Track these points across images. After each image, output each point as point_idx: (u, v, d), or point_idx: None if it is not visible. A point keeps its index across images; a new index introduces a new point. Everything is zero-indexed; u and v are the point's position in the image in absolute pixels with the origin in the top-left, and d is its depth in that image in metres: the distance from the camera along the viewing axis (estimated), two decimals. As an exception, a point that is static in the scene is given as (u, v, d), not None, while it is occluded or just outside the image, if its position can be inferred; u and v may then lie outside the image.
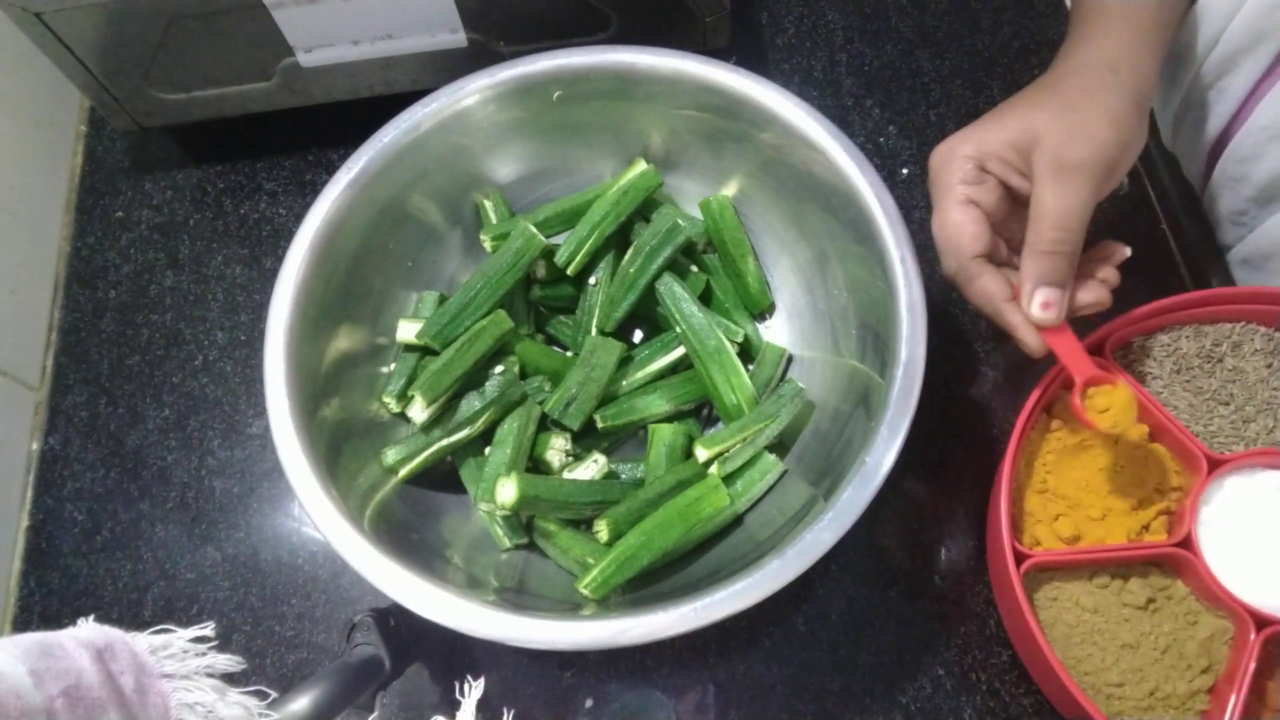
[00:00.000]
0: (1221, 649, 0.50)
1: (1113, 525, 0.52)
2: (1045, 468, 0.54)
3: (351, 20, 0.61)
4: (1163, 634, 0.50)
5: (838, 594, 0.57)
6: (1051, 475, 0.54)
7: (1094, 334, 0.55)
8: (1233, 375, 0.55)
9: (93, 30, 0.60)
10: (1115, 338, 0.56)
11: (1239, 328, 0.56)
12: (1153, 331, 0.56)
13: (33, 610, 0.61)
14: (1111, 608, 0.51)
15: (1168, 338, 0.56)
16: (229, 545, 0.62)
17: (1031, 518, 0.54)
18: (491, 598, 0.46)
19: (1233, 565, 0.50)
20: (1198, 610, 0.51)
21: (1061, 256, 0.45)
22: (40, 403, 0.67)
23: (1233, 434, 0.54)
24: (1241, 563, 0.50)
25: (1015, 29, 0.74)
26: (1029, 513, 0.54)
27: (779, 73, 0.74)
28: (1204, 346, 0.55)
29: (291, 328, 0.51)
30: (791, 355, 0.60)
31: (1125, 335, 0.56)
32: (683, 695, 0.55)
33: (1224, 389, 0.55)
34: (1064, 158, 0.45)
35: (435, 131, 0.57)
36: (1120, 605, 0.51)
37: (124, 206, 0.73)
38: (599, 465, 0.56)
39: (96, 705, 0.32)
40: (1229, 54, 0.56)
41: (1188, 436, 0.52)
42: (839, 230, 0.55)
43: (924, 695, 0.55)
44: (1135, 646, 0.50)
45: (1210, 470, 0.51)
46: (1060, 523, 0.53)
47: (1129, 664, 0.50)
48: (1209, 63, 0.58)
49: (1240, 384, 0.54)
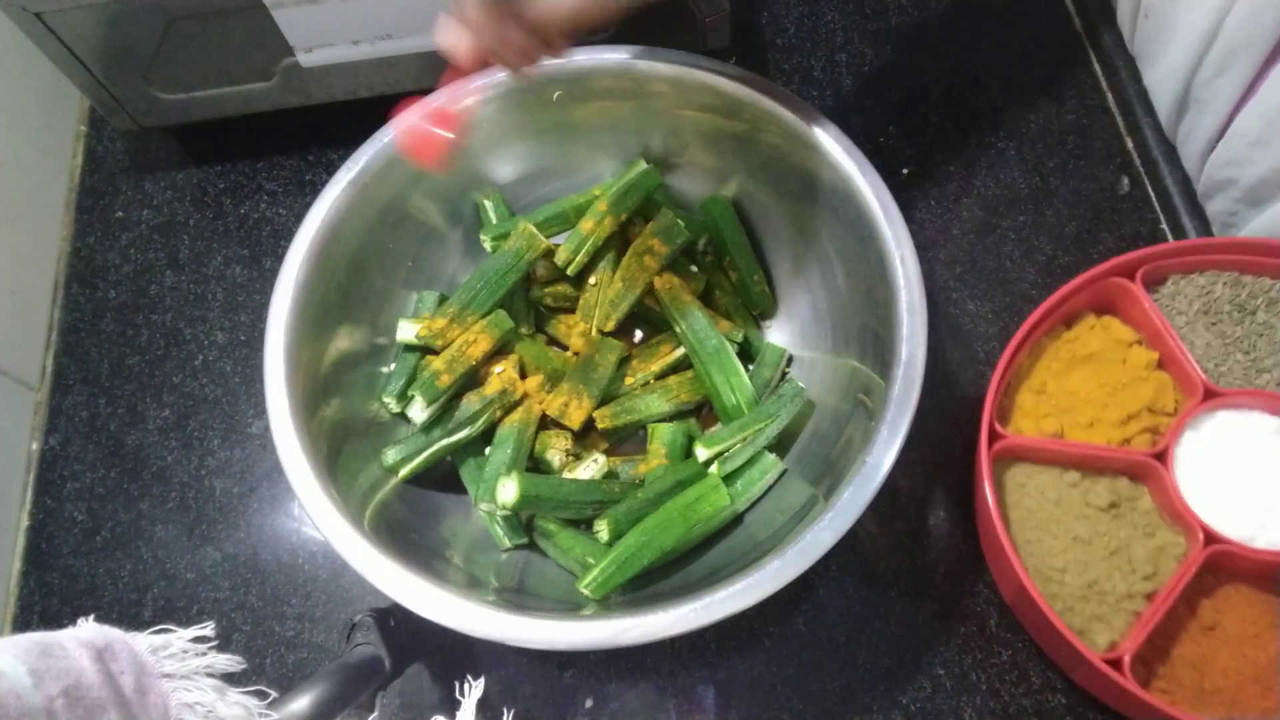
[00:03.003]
0: (1170, 564, 0.51)
1: (1096, 434, 0.54)
2: (1048, 370, 0.56)
3: (351, 20, 0.61)
4: (1117, 537, 0.52)
5: (838, 594, 0.57)
6: (1053, 379, 0.56)
7: (1128, 255, 0.56)
8: (1261, 329, 0.55)
9: (93, 30, 0.60)
10: (1150, 267, 0.56)
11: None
12: (1190, 271, 0.57)
13: (33, 610, 0.61)
14: (1074, 504, 0.53)
15: (1204, 280, 0.56)
16: (229, 545, 0.62)
17: (1021, 410, 0.56)
18: (491, 598, 0.46)
19: (1200, 486, 0.51)
20: (1157, 525, 0.52)
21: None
22: (40, 403, 0.67)
23: (1242, 379, 0.54)
24: (1209, 486, 0.51)
25: (1015, 29, 0.74)
26: (1019, 406, 0.56)
27: (779, 73, 0.74)
28: (1239, 295, 0.56)
29: (291, 328, 0.51)
30: (791, 355, 0.60)
31: (1161, 268, 0.57)
32: (683, 695, 0.55)
33: (1247, 339, 0.55)
34: None
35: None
36: (1084, 504, 0.53)
37: (124, 206, 0.73)
38: (599, 465, 0.56)
39: (96, 705, 0.32)
40: (1226, 52, 0.56)
41: (1192, 365, 0.53)
42: (839, 230, 0.55)
43: (924, 695, 0.55)
44: (1088, 542, 0.52)
45: (1205, 399, 0.52)
46: (1047, 420, 0.54)
47: (1076, 555, 0.51)
48: (1208, 59, 0.58)
49: (1267, 339, 0.55)
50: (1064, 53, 0.73)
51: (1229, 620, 0.50)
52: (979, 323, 0.64)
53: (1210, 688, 0.48)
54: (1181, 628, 0.50)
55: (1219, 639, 0.49)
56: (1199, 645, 0.49)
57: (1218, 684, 0.48)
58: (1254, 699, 0.47)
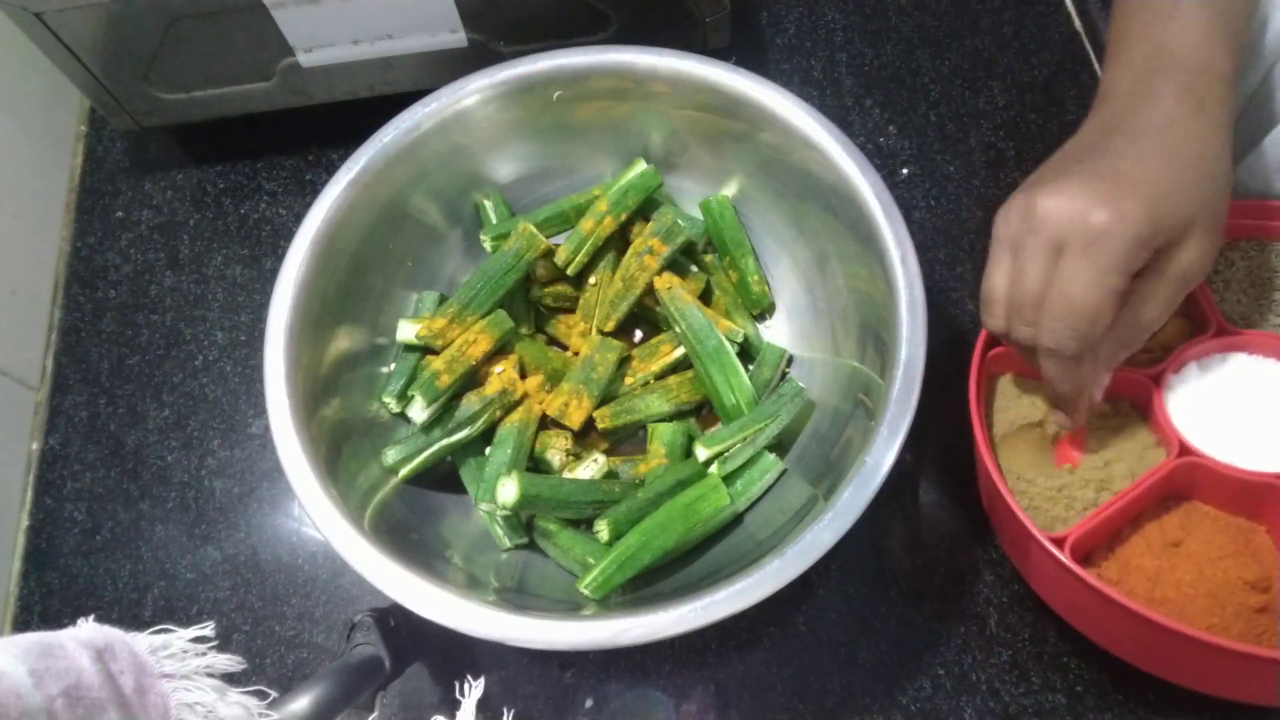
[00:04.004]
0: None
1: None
2: None
3: (351, 20, 0.61)
4: (1096, 454, 0.52)
5: (838, 594, 0.57)
6: None
7: None
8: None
9: (93, 30, 0.60)
10: None
11: None
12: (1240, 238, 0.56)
13: (33, 610, 0.61)
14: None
15: (1253, 246, 0.55)
16: (229, 545, 0.62)
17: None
18: (491, 598, 0.46)
19: (1188, 407, 0.51)
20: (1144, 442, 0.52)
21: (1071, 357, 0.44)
22: (40, 403, 0.67)
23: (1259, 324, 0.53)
24: (1198, 409, 0.51)
25: (1015, 29, 0.74)
26: None
27: (779, 73, 0.74)
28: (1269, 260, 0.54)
29: (291, 328, 0.51)
30: (791, 355, 0.60)
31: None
32: (683, 695, 0.55)
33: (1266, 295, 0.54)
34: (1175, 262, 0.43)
35: (435, 131, 0.57)
36: None
37: (124, 206, 0.73)
38: (599, 465, 0.56)
39: (96, 705, 0.32)
40: None
41: (1210, 305, 0.52)
42: (839, 230, 0.55)
43: (924, 695, 0.55)
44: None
45: (1216, 335, 0.52)
46: None
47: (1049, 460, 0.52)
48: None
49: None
50: (1064, 53, 0.73)
51: (1194, 540, 0.49)
52: (979, 322, 0.64)
53: (1160, 597, 0.48)
54: (1146, 542, 0.50)
55: (1181, 555, 0.49)
56: (1159, 559, 0.49)
57: (1168, 594, 0.48)
58: (1201, 614, 0.47)
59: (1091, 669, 0.54)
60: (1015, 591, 0.56)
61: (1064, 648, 0.55)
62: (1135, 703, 0.53)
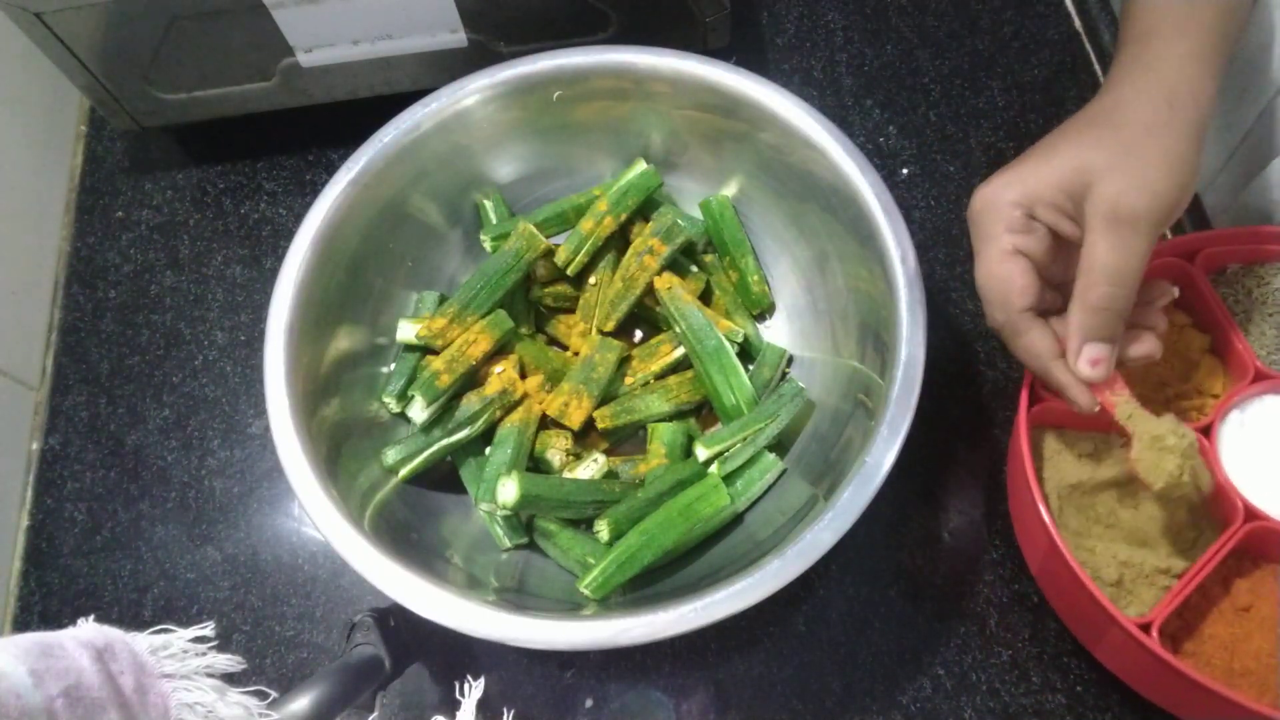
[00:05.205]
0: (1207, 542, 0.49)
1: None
2: None
3: (351, 20, 0.61)
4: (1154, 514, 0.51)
5: (838, 594, 0.57)
6: None
7: (1186, 238, 0.54)
8: None
9: (93, 30, 0.60)
10: (1210, 253, 0.54)
11: None
12: (1253, 262, 0.55)
13: (33, 610, 0.61)
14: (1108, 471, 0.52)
15: (1267, 271, 0.54)
16: (229, 545, 0.62)
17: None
18: (491, 598, 0.46)
19: (1243, 463, 0.50)
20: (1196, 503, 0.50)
21: (1112, 313, 0.43)
22: (40, 403, 0.67)
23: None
24: (1252, 464, 0.50)
25: (1015, 29, 0.74)
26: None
27: (779, 73, 0.74)
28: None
29: (291, 328, 0.51)
30: (791, 355, 0.60)
31: (1222, 256, 0.54)
32: (683, 695, 0.55)
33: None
34: (1121, 209, 0.41)
35: (435, 131, 0.57)
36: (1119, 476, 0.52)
37: (124, 206, 0.73)
38: (599, 465, 0.56)
39: (96, 705, 0.32)
40: None
41: (1245, 346, 0.51)
42: (839, 230, 0.55)
43: (924, 695, 0.55)
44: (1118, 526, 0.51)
45: (1255, 380, 0.51)
46: None
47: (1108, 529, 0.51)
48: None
49: None
50: (1064, 53, 0.73)
51: (1264, 603, 0.48)
52: (979, 322, 0.64)
53: (1240, 669, 0.47)
54: (1215, 607, 0.49)
55: (1253, 621, 0.48)
56: (1232, 626, 0.48)
57: (1248, 666, 0.47)
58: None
59: (1092, 669, 0.54)
60: (1015, 591, 0.56)
61: (1064, 648, 0.55)
62: (1135, 703, 0.53)
